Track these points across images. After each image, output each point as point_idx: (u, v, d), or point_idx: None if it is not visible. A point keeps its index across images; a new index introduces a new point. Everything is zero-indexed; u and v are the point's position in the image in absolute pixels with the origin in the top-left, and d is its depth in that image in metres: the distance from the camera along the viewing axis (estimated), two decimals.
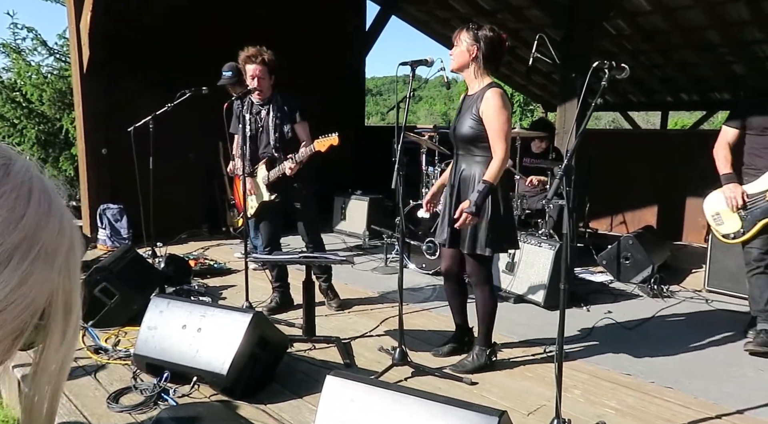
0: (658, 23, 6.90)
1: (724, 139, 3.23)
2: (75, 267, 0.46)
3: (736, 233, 3.13)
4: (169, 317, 2.74)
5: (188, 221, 6.17)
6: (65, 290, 0.45)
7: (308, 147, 3.46)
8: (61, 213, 0.45)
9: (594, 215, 6.22)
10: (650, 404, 2.59)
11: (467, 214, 2.62)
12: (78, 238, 0.47)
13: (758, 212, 3.05)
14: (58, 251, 0.43)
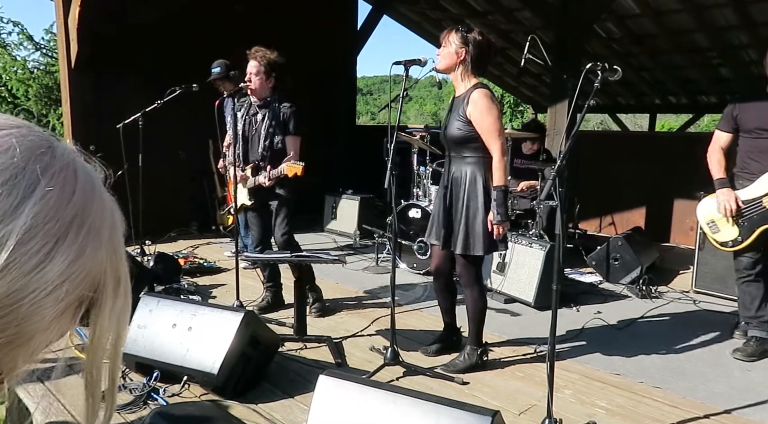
0: (647, 26, 6.97)
1: (717, 144, 3.16)
2: (120, 243, 0.49)
3: (734, 240, 3.04)
4: (158, 315, 2.71)
5: (177, 219, 6.12)
6: (113, 265, 0.47)
7: (280, 168, 3.42)
8: (102, 194, 0.48)
9: (583, 216, 6.27)
10: (640, 403, 2.62)
11: (498, 224, 2.69)
12: (119, 215, 0.50)
13: (756, 218, 2.97)
14: (103, 227, 0.46)
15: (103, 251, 0.46)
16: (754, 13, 6.10)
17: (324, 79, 7.25)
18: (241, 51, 3.73)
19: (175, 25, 6.00)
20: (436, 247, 3.00)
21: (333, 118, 7.57)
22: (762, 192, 2.95)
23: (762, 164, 2.98)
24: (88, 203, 0.45)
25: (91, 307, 0.47)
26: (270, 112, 3.57)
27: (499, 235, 2.72)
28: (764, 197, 2.94)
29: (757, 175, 2.98)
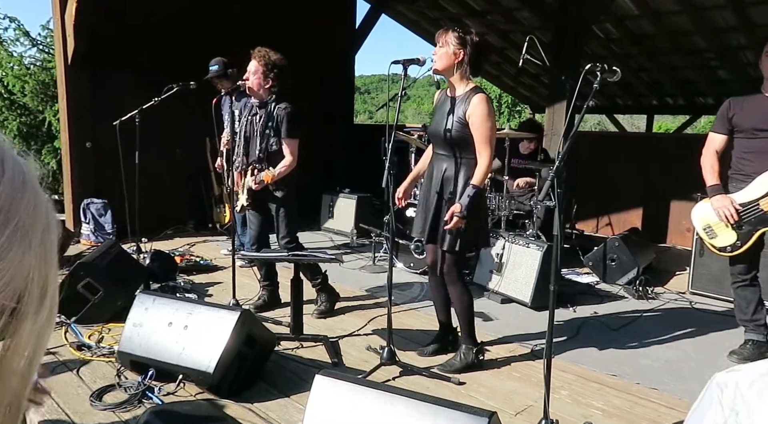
0: (646, 27, 6.97)
1: (711, 147, 3.09)
2: (51, 248, 0.43)
3: (733, 245, 2.97)
4: (154, 313, 2.70)
5: (174, 216, 6.10)
6: (41, 273, 0.42)
7: (261, 174, 3.43)
8: (35, 190, 0.42)
9: (580, 217, 6.28)
10: (636, 405, 2.62)
11: (458, 217, 2.68)
12: (54, 218, 0.44)
13: (755, 221, 2.90)
14: (33, 229, 0.41)
15: (32, 255, 0.41)
16: (753, 14, 6.11)
17: (322, 79, 7.23)
18: (239, 50, 3.71)
19: (173, 23, 5.98)
20: (429, 244, 3.01)
21: (331, 118, 7.55)
22: (759, 194, 2.89)
23: (757, 165, 2.92)
24: (16, 199, 0.40)
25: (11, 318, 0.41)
26: (266, 114, 3.54)
27: (453, 227, 2.70)
28: (761, 200, 2.88)
29: (753, 176, 2.93)
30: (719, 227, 3.01)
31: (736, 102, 3.05)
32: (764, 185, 2.88)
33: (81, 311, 3.35)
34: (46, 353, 2.96)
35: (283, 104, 3.52)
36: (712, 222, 3.03)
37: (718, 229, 3.02)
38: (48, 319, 0.44)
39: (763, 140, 2.91)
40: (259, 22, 6.28)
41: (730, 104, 3.06)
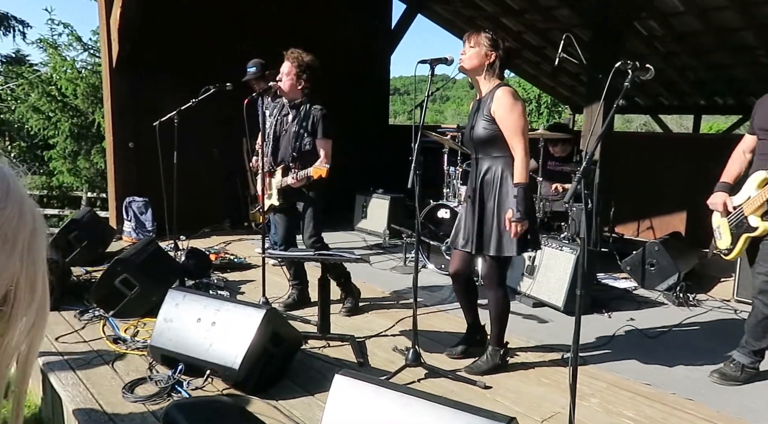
0: (692, 24, 6.69)
1: (740, 146, 2.96)
2: (39, 252, 0.45)
3: (728, 248, 2.85)
4: (184, 310, 2.76)
5: (211, 215, 6.25)
6: (29, 276, 0.44)
7: (307, 170, 3.44)
8: (20, 198, 0.44)
9: (620, 220, 6.07)
10: (671, 416, 2.51)
11: (515, 222, 2.64)
12: (40, 223, 0.46)
13: (739, 225, 2.78)
14: (18, 237, 0.42)
15: (16, 259, 0.42)
16: None
17: (357, 79, 7.27)
18: (275, 50, 3.76)
19: (211, 23, 6.13)
20: (456, 250, 2.96)
21: (365, 118, 7.58)
22: (744, 198, 2.76)
23: (755, 167, 2.78)
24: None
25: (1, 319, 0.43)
26: (300, 114, 3.58)
27: (516, 234, 2.66)
28: (744, 204, 2.74)
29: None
30: (724, 228, 2.88)
31: (765, 98, 2.87)
32: (749, 189, 2.74)
33: (118, 306, 3.47)
34: (83, 346, 3.09)
35: (318, 106, 3.57)
36: (720, 223, 2.92)
37: (723, 231, 2.89)
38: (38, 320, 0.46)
39: (764, 141, 2.76)
40: (295, 23, 6.37)
41: (761, 100, 2.88)
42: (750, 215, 2.69)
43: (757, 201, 2.65)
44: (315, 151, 3.58)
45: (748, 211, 2.71)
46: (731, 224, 2.83)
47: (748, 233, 2.73)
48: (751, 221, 2.70)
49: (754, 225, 2.69)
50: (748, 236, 2.73)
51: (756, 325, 2.77)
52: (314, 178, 3.39)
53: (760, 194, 2.64)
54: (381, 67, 7.99)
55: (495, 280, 2.84)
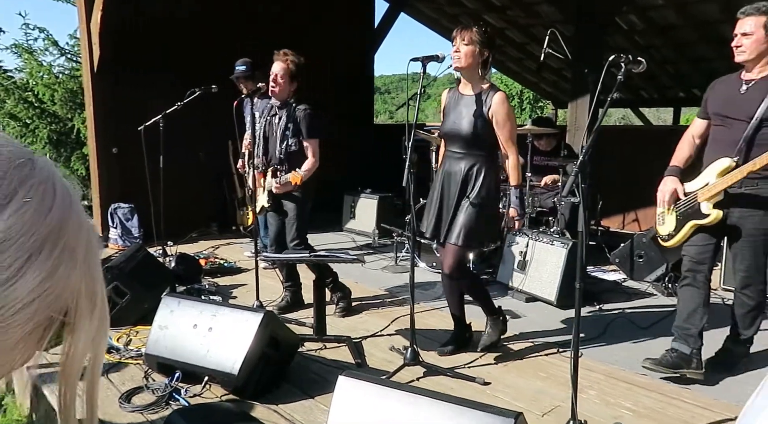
0: (671, 18, 6.80)
1: (690, 131, 2.89)
2: (96, 264, 0.47)
3: (669, 234, 2.78)
4: (179, 316, 2.73)
5: (198, 219, 6.18)
6: (88, 287, 0.45)
7: (286, 176, 3.41)
8: (79, 210, 0.46)
9: (606, 213, 6.14)
10: (668, 405, 2.55)
11: (519, 220, 2.89)
12: (95, 235, 0.48)
13: (690, 212, 2.70)
14: (78, 246, 0.44)
15: (78, 271, 0.44)
16: None
17: (342, 79, 7.25)
18: (259, 51, 3.73)
19: (195, 26, 6.06)
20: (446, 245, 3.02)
21: (351, 118, 7.56)
22: (699, 185, 2.68)
23: (710, 155, 2.70)
24: (65, 220, 0.43)
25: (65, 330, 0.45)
26: (287, 115, 3.57)
27: (517, 229, 2.89)
28: (699, 191, 2.66)
29: (705, 165, 2.73)
30: (668, 213, 2.81)
31: (717, 83, 2.80)
32: (708, 176, 2.65)
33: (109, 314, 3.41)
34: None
35: (303, 105, 3.55)
36: (664, 208, 2.84)
37: (668, 216, 2.82)
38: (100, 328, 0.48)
39: (720, 128, 2.68)
40: (280, 23, 6.33)
41: (712, 85, 2.81)
42: (703, 201, 2.62)
43: (716, 188, 2.58)
44: (302, 152, 3.56)
45: (702, 197, 2.64)
46: (679, 211, 2.76)
47: (696, 220, 2.66)
48: (703, 207, 2.63)
49: (706, 212, 2.62)
50: (695, 223, 2.66)
51: (744, 315, 2.80)
52: (293, 184, 3.37)
53: (720, 182, 2.57)
54: (365, 66, 7.98)
55: (460, 268, 2.95)
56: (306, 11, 6.88)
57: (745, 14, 2.56)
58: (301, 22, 6.72)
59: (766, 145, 2.52)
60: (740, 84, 2.62)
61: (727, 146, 2.59)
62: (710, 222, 2.59)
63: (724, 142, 2.62)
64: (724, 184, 2.55)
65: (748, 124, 2.52)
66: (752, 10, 2.53)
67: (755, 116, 2.50)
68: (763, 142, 2.52)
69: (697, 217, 2.66)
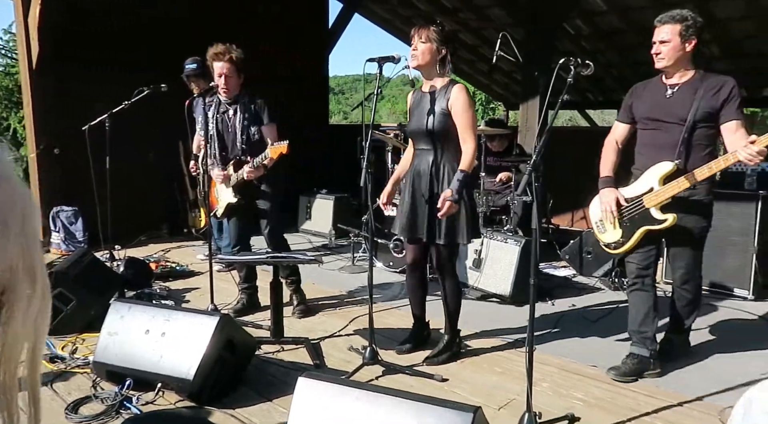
0: (615, 23, 7.09)
1: (612, 135, 2.90)
2: (33, 235, 0.42)
3: (617, 242, 2.79)
4: (130, 322, 2.63)
5: (148, 222, 5.99)
6: (26, 262, 0.41)
7: (263, 154, 3.38)
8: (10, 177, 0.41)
9: (556, 211, 6.34)
10: (617, 395, 2.66)
11: (450, 202, 2.69)
12: (33, 205, 0.43)
13: (638, 218, 2.71)
14: (11, 217, 0.40)
15: (12, 245, 0.40)
16: (715, 10, 6.26)
17: (296, 79, 7.18)
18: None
19: (143, 21, 5.86)
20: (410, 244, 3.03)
21: (306, 118, 7.50)
22: (643, 190, 2.69)
23: (646, 159, 2.73)
24: None
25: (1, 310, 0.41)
26: (241, 106, 3.53)
27: (445, 213, 2.71)
28: (645, 196, 2.68)
29: (642, 170, 2.74)
30: (610, 222, 2.82)
31: (638, 88, 2.85)
32: (649, 181, 2.68)
33: (53, 322, 3.26)
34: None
35: (254, 94, 3.57)
36: (602, 216, 2.86)
37: (608, 224, 2.84)
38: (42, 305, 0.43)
39: (653, 132, 2.72)
40: (232, 21, 6.20)
41: (633, 91, 2.87)
42: (652, 207, 2.66)
43: (666, 194, 2.62)
44: (263, 140, 3.54)
45: (650, 203, 2.66)
46: (624, 218, 2.76)
47: (649, 226, 2.68)
48: (654, 213, 2.66)
49: (659, 218, 2.64)
50: (647, 229, 2.69)
51: (684, 307, 2.90)
52: (274, 159, 3.33)
53: (670, 187, 2.60)
54: (320, 66, 7.93)
55: (449, 269, 2.95)
56: (257, 12, 6.78)
57: (661, 22, 2.63)
58: (254, 22, 6.62)
59: (704, 146, 2.63)
60: (665, 89, 2.70)
61: (664, 150, 2.65)
62: (665, 227, 2.63)
63: (660, 146, 2.67)
64: (674, 189, 2.59)
65: (681, 127, 2.60)
66: (668, 18, 2.61)
67: (688, 119, 2.58)
68: (700, 142, 2.62)
69: (648, 223, 2.68)
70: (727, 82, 2.58)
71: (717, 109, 2.57)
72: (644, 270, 2.81)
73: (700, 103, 2.58)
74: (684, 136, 2.60)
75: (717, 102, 2.56)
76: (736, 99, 2.56)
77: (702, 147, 2.62)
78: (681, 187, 2.58)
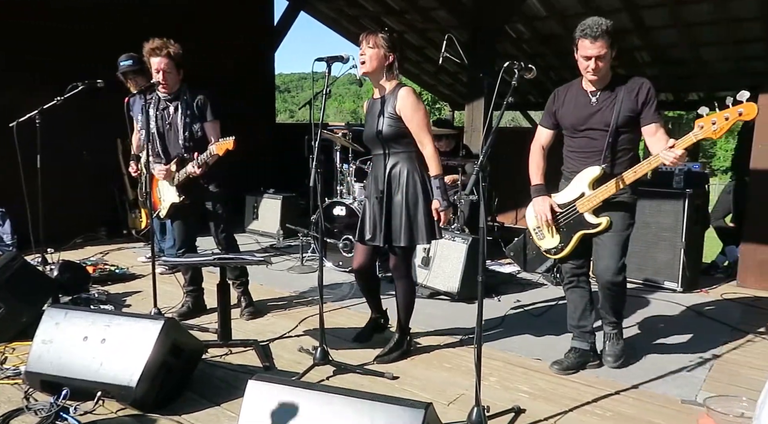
0: (554, 28, 7.36)
1: (537, 141, 2.96)
2: None
3: (557, 248, 2.87)
4: (67, 328, 2.51)
5: (84, 224, 5.72)
6: None
7: (208, 150, 3.29)
8: None
9: (501, 209, 6.53)
10: (558, 385, 2.77)
11: (444, 211, 2.80)
12: None
13: (573, 223, 2.79)
14: None
15: None
16: (646, 18, 6.63)
17: (241, 77, 7.03)
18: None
19: (81, 14, 5.58)
20: (359, 245, 3.02)
21: (251, 117, 7.37)
22: (575, 196, 2.77)
23: (576, 164, 2.81)
24: None
25: None
26: (182, 102, 3.43)
27: (445, 221, 2.84)
28: (577, 201, 2.76)
29: (571, 174, 2.83)
30: (547, 228, 2.90)
31: (560, 94, 2.88)
32: (580, 186, 2.76)
33: None
34: None
35: (196, 89, 3.47)
36: (539, 223, 2.93)
37: (545, 230, 2.91)
38: None
39: (581, 139, 2.78)
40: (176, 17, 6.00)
41: (555, 96, 2.89)
42: (586, 212, 2.74)
43: (597, 199, 2.69)
44: (206, 138, 3.46)
45: (583, 208, 2.73)
46: (560, 224, 2.83)
47: (585, 230, 2.75)
48: (589, 218, 2.74)
49: (594, 222, 2.72)
50: (583, 233, 2.76)
51: (613, 304, 2.88)
52: (220, 155, 3.23)
53: (600, 192, 2.68)
54: (265, 64, 7.81)
55: (403, 270, 2.97)
56: (204, 7, 6.60)
57: (595, 37, 2.60)
58: (198, 18, 6.43)
59: (628, 150, 2.73)
60: (588, 97, 2.75)
61: (591, 155, 2.74)
62: (600, 230, 2.73)
63: (588, 152, 2.76)
64: (605, 194, 2.69)
65: (606, 132, 2.68)
66: (601, 33, 2.59)
67: (611, 125, 2.66)
68: (624, 147, 2.72)
69: (584, 227, 2.76)
70: (644, 85, 2.66)
71: (637, 112, 2.66)
72: (579, 269, 2.94)
73: (621, 107, 2.65)
74: (609, 141, 2.67)
75: (636, 105, 2.65)
76: (653, 101, 2.65)
77: (626, 151, 2.73)
78: (610, 191, 2.67)
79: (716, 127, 2.37)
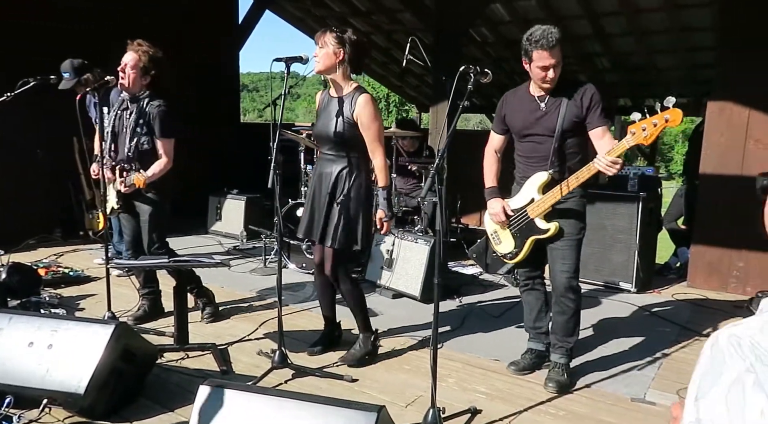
0: (517, 33, 7.47)
1: (490, 146, 2.99)
2: None
3: (512, 252, 2.89)
4: (11, 334, 2.41)
5: (37, 225, 5.52)
6: None
7: (131, 177, 3.19)
8: None
9: (464, 211, 6.59)
10: (515, 386, 2.81)
11: (387, 221, 2.89)
12: None
13: (525, 228, 2.80)
14: None
15: None
16: (606, 25, 6.80)
17: (204, 76, 6.92)
18: (115, 44, 3.42)
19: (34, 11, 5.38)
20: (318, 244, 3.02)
21: (215, 116, 7.26)
22: (526, 201, 2.79)
23: (525, 169, 2.83)
24: None
25: None
26: (138, 110, 3.30)
27: (386, 230, 2.90)
28: (528, 206, 2.78)
29: (522, 178, 2.85)
30: (503, 233, 2.91)
31: (508, 99, 2.90)
32: (531, 191, 2.77)
33: None
34: None
35: (157, 102, 3.29)
36: (497, 228, 2.94)
37: (502, 235, 2.92)
38: None
39: (528, 144, 2.80)
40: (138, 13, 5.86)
41: (504, 101, 2.91)
42: (536, 217, 2.75)
43: (545, 205, 2.71)
44: (155, 152, 3.32)
45: (534, 213, 2.74)
46: (513, 229, 2.85)
47: (536, 236, 2.77)
48: (539, 223, 2.75)
49: (544, 227, 2.73)
50: (535, 238, 2.78)
51: (567, 321, 2.82)
52: (137, 186, 3.15)
53: (547, 197, 2.70)
54: (230, 63, 7.70)
55: (340, 272, 2.95)
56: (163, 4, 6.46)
57: (551, 47, 2.61)
58: (162, 15, 6.29)
59: (574, 154, 2.75)
60: (535, 102, 2.77)
61: (539, 161, 2.77)
62: (550, 235, 2.75)
63: (535, 157, 2.79)
64: (552, 199, 2.71)
65: (552, 138, 2.71)
66: (555, 41, 2.61)
67: (556, 130, 2.69)
68: (570, 151, 2.74)
69: (535, 232, 2.77)
70: (588, 90, 2.68)
71: (582, 117, 2.67)
72: (533, 271, 2.99)
73: (566, 113, 2.68)
74: (555, 146, 2.70)
75: (581, 110, 2.66)
76: (598, 105, 2.67)
77: (574, 155, 2.75)
78: (557, 196, 2.70)
79: (646, 134, 2.39)
